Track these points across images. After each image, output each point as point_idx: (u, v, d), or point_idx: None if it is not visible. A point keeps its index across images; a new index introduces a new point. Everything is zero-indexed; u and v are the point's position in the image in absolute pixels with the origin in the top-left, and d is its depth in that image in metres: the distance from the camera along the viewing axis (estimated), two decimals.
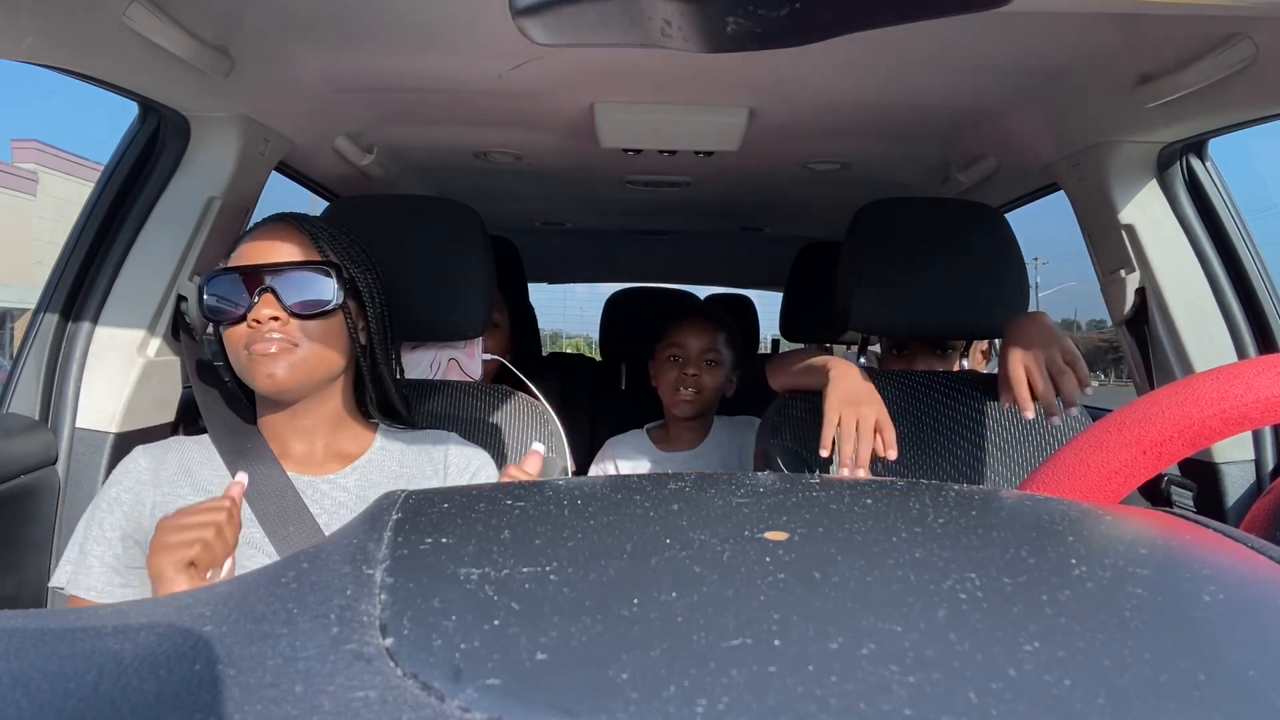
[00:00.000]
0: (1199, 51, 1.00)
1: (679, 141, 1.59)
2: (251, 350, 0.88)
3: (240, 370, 0.92)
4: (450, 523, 0.35)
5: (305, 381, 0.91)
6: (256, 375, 0.89)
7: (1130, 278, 1.32)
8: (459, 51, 1.18)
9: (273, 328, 0.88)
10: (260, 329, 0.88)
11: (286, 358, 0.89)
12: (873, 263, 1.27)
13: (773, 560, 0.30)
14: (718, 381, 1.61)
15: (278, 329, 0.88)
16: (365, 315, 0.98)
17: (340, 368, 0.96)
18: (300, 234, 0.94)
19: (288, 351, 0.89)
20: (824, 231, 2.57)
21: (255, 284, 0.89)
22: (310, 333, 0.91)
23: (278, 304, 0.89)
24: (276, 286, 0.89)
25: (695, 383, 1.57)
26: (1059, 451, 0.55)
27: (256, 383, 0.90)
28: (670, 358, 1.61)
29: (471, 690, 0.22)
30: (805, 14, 0.33)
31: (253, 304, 0.88)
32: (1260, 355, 0.93)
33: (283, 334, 0.89)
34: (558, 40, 0.37)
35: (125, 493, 0.91)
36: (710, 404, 1.62)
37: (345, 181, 1.82)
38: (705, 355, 1.59)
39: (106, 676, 0.24)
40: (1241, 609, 0.29)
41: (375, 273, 1.00)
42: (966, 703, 0.22)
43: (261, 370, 0.88)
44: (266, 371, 0.88)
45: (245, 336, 0.89)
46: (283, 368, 0.88)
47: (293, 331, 0.89)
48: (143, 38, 0.94)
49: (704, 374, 1.58)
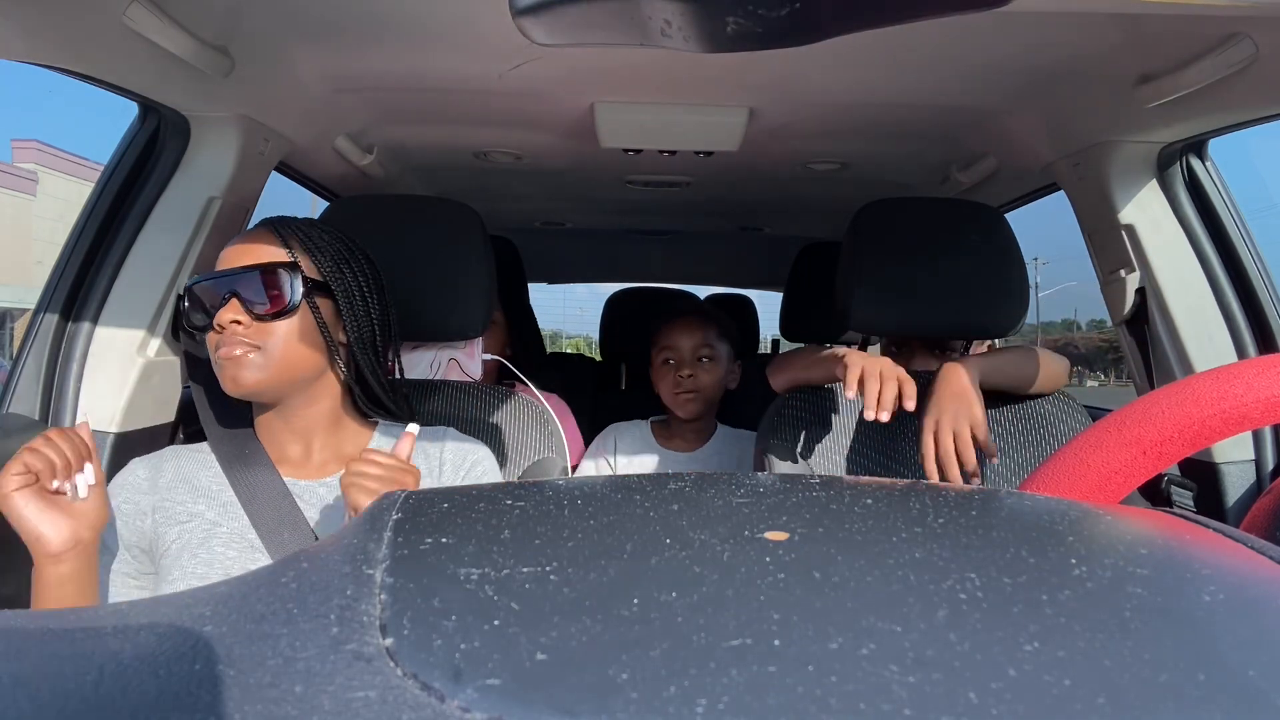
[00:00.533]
0: (1199, 51, 1.00)
1: (679, 141, 1.59)
2: (218, 355, 0.89)
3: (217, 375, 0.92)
4: (450, 523, 0.35)
5: (274, 383, 0.90)
6: (224, 380, 0.89)
7: (1130, 278, 1.32)
8: (459, 51, 1.18)
9: (236, 331, 0.88)
10: (225, 334, 0.88)
11: (249, 361, 0.88)
12: (873, 263, 1.27)
13: (773, 560, 0.30)
14: (716, 377, 1.59)
15: (241, 332, 0.88)
16: (341, 313, 0.96)
17: (317, 367, 0.94)
18: (273, 237, 0.94)
19: (252, 353, 0.88)
20: (824, 231, 2.57)
21: (222, 289, 0.89)
22: (275, 334, 0.90)
23: (240, 308, 0.89)
24: (239, 290, 0.89)
25: (692, 383, 1.56)
26: (1059, 451, 0.55)
27: (225, 388, 0.90)
28: (665, 360, 1.60)
29: (471, 690, 0.22)
30: (805, 14, 0.33)
31: (217, 309, 0.89)
32: (1260, 355, 0.93)
33: (246, 337, 0.88)
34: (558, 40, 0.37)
35: (124, 504, 0.90)
36: (713, 400, 1.61)
37: (345, 181, 1.82)
38: (699, 353, 1.58)
39: (106, 676, 0.24)
40: (1241, 609, 0.29)
41: (358, 268, 0.98)
42: (966, 703, 0.22)
43: (226, 374, 0.88)
44: (230, 375, 0.88)
45: (214, 342, 0.89)
46: (245, 371, 0.88)
47: (256, 334, 0.89)
48: (143, 38, 0.94)
49: (700, 372, 1.57)
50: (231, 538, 0.87)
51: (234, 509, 0.90)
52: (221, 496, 0.91)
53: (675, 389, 1.57)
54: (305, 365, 0.93)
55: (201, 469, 0.93)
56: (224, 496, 0.91)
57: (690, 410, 1.58)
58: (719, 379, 1.60)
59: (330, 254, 0.95)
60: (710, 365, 1.58)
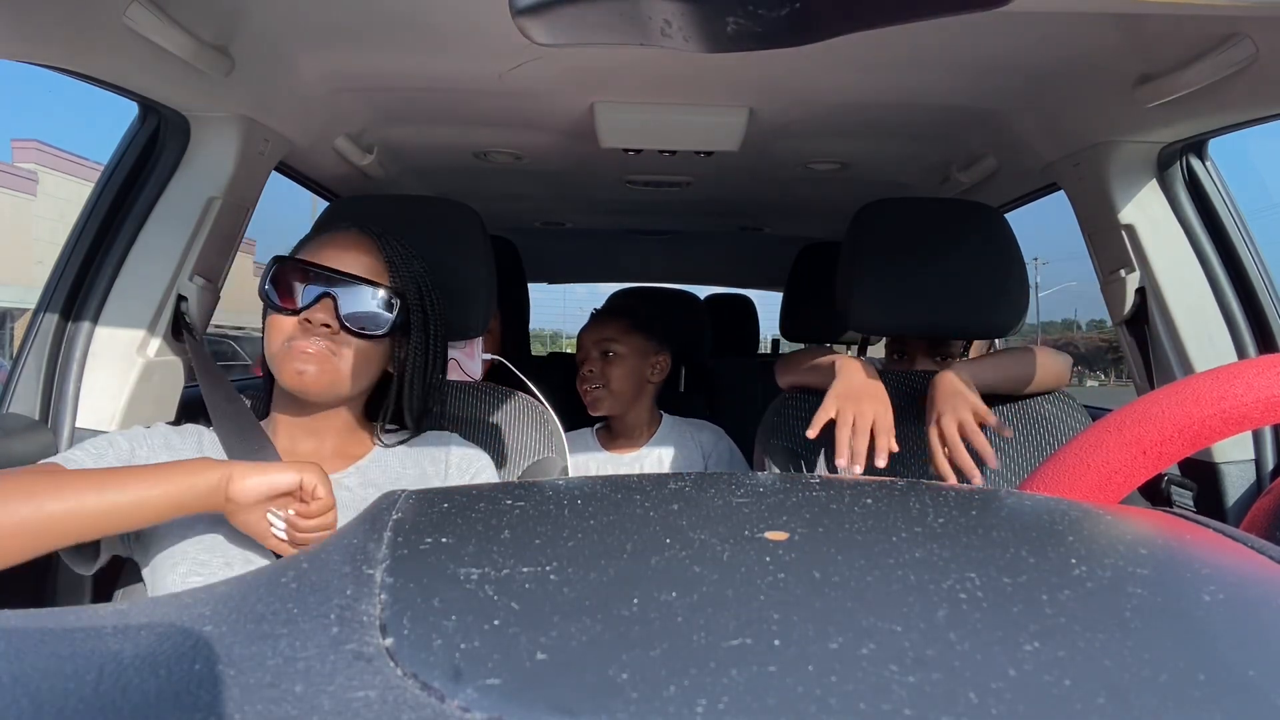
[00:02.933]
0: (1199, 51, 1.00)
1: (679, 141, 1.59)
2: (292, 345, 0.89)
3: (272, 359, 0.92)
4: (450, 523, 0.35)
5: (331, 391, 0.92)
6: (287, 369, 0.89)
7: (1130, 278, 1.32)
8: (459, 51, 1.18)
9: (322, 333, 0.90)
10: (309, 329, 0.89)
11: (323, 363, 0.90)
12: (873, 263, 1.27)
13: (773, 560, 0.30)
14: (623, 371, 1.56)
15: (325, 335, 0.90)
16: (408, 341, 0.99)
17: (368, 385, 0.97)
18: (377, 250, 0.96)
19: (326, 358, 0.90)
20: (824, 231, 2.57)
21: (320, 285, 0.90)
22: (354, 347, 0.92)
23: (334, 312, 0.90)
24: (339, 295, 0.91)
25: (593, 379, 1.55)
26: (1059, 451, 0.55)
27: (284, 377, 0.90)
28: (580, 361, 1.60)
29: (471, 690, 0.22)
30: (805, 14, 0.33)
31: (311, 303, 0.90)
32: (1260, 355, 0.93)
33: (327, 341, 0.90)
34: (558, 40, 0.37)
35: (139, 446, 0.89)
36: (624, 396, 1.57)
37: (345, 181, 1.82)
38: (601, 347, 1.57)
39: (106, 676, 0.24)
40: (1241, 609, 0.29)
41: (435, 298, 1.01)
42: (966, 703, 0.22)
43: (294, 365, 0.89)
44: (298, 368, 0.89)
45: (291, 330, 0.90)
46: (315, 370, 0.89)
47: (338, 342, 0.91)
48: (143, 38, 0.94)
49: (602, 367, 1.55)
50: (234, 530, 0.87)
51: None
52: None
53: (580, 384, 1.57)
54: (362, 382, 0.96)
55: (211, 453, 0.93)
56: None
57: (598, 408, 1.56)
58: (628, 373, 1.56)
59: (416, 287, 0.98)
60: (613, 360, 1.56)
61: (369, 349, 0.94)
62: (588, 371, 1.56)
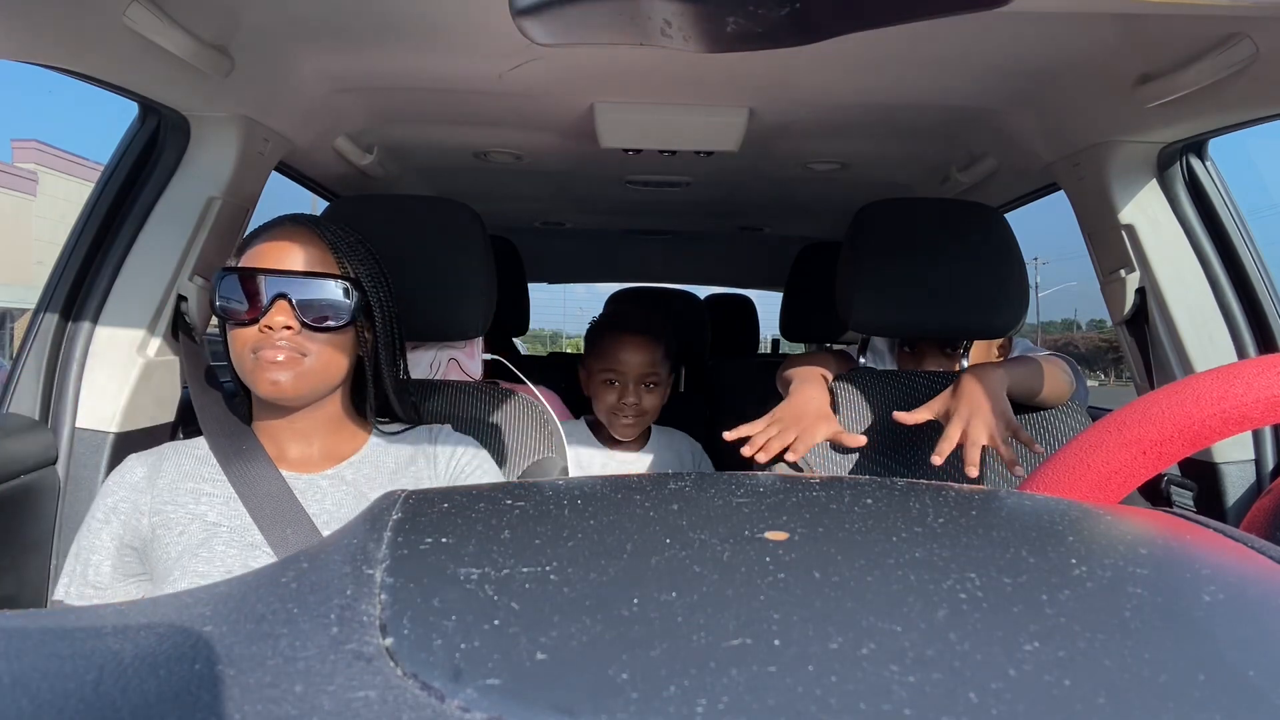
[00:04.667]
0: (1199, 51, 1.00)
1: (679, 141, 1.59)
2: (259, 355, 0.88)
3: (243, 373, 0.91)
4: (450, 522, 0.35)
5: (309, 391, 0.91)
6: (260, 381, 0.88)
7: (1130, 278, 1.32)
8: (459, 51, 1.18)
9: (284, 336, 0.88)
10: (271, 335, 0.88)
11: (294, 367, 0.88)
12: (873, 263, 1.27)
13: (773, 560, 0.30)
14: (659, 397, 1.52)
15: (288, 337, 0.88)
16: (373, 326, 0.97)
17: (343, 377, 0.96)
18: (319, 240, 0.93)
19: (295, 361, 0.88)
20: (824, 231, 2.57)
21: (272, 288, 0.88)
22: (319, 343, 0.90)
23: (292, 313, 0.88)
24: (293, 294, 0.88)
25: (636, 409, 1.49)
26: (1059, 451, 0.55)
27: (259, 388, 0.89)
28: (607, 380, 1.50)
29: (471, 690, 0.22)
30: (805, 14, 0.33)
31: (266, 309, 0.88)
32: (1260, 355, 0.93)
33: (292, 343, 0.88)
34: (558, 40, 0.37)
35: (121, 502, 0.90)
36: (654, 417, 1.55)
37: (345, 181, 1.82)
38: (646, 379, 1.49)
39: (106, 676, 0.24)
40: (1241, 609, 0.29)
41: (386, 282, 0.99)
42: (966, 703, 0.22)
43: (267, 376, 0.88)
44: (271, 378, 0.87)
45: (254, 340, 0.88)
46: (288, 376, 0.88)
47: (302, 341, 0.89)
48: (143, 38, 0.94)
49: (644, 397, 1.49)
50: (233, 537, 0.87)
51: (235, 507, 0.89)
52: (222, 495, 0.91)
53: (616, 412, 1.50)
54: (337, 374, 0.94)
55: (201, 467, 0.93)
56: (224, 495, 0.91)
57: (630, 434, 1.52)
58: (662, 397, 1.53)
59: (367, 266, 0.96)
60: (655, 389, 1.52)
61: (336, 341, 0.92)
62: (630, 402, 1.48)
